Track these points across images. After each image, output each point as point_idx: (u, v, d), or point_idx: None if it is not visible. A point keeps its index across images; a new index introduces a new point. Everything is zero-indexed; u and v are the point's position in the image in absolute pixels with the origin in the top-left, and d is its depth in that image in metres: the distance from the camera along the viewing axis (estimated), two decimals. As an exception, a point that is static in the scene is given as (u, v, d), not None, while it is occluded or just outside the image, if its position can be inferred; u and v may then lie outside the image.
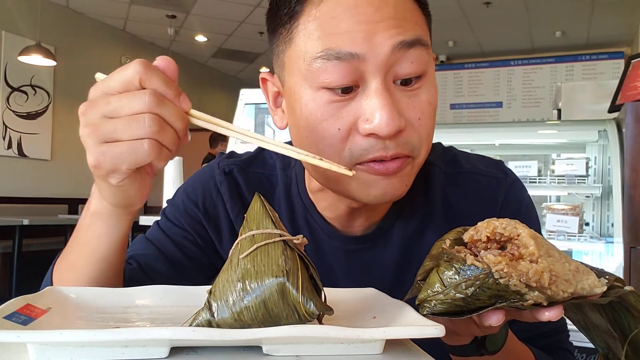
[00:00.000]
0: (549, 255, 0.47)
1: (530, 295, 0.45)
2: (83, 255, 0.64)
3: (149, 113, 0.50)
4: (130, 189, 0.56)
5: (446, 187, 0.79)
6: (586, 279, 0.47)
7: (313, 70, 0.62)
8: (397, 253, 0.77)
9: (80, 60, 6.65)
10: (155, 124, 0.50)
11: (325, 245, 0.78)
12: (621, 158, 2.19)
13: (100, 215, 0.61)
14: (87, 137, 0.52)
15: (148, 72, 0.51)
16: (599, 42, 7.13)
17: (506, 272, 0.45)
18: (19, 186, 5.93)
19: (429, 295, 0.49)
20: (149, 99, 0.50)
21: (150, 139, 0.50)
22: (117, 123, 0.50)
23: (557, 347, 0.80)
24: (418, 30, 0.63)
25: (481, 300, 0.47)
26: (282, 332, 0.43)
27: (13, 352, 0.44)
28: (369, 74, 0.61)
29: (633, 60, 2.44)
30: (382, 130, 0.60)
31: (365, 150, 0.62)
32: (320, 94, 0.62)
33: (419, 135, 0.64)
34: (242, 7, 6.34)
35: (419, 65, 0.62)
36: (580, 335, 0.67)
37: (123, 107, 0.50)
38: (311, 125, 0.63)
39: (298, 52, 0.64)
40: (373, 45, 0.60)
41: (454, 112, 7.95)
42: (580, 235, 2.31)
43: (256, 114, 3.02)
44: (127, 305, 0.57)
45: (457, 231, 0.53)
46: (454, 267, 0.48)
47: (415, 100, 0.63)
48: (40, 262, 5.81)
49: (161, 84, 0.51)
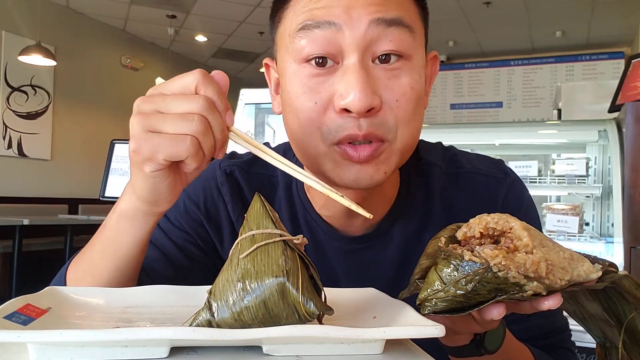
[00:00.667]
0: (543, 245, 0.48)
1: (529, 286, 0.46)
2: (105, 252, 0.64)
3: (198, 114, 0.52)
4: (161, 183, 0.57)
5: (446, 186, 0.79)
6: (581, 265, 0.48)
7: (295, 44, 0.64)
8: (397, 253, 0.77)
9: (80, 60, 6.66)
10: (202, 125, 0.52)
11: (325, 245, 0.78)
12: (621, 158, 2.19)
13: (127, 213, 0.62)
14: (135, 123, 0.54)
15: (205, 81, 0.54)
16: (599, 42, 7.13)
17: (504, 264, 0.45)
18: (19, 186, 5.93)
19: (429, 294, 0.49)
20: (202, 103, 0.53)
21: (193, 136, 0.52)
22: (167, 117, 0.53)
23: (559, 346, 0.80)
24: (400, 11, 0.64)
25: (481, 295, 0.47)
26: (282, 332, 0.43)
27: (13, 352, 0.44)
28: (347, 48, 0.62)
29: (633, 60, 2.44)
30: (355, 106, 0.60)
31: (339, 127, 0.63)
32: (302, 68, 0.64)
33: (395, 117, 0.64)
34: (242, 7, 6.34)
35: (399, 45, 0.63)
36: (580, 335, 0.67)
37: (176, 105, 0.53)
38: (292, 99, 0.65)
39: (284, 29, 0.67)
40: (351, 18, 0.61)
41: (454, 112, 7.95)
42: (580, 235, 2.31)
43: (256, 114, 3.02)
44: (127, 305, 0.57)
45: (451, 228, 0.54)
46: (452, 264, 0.48)
47: (395, 81, 0.64)
48: (40, 262, 5.82)
49: (215, 93, 0.54)
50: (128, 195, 0.61)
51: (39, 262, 5.37)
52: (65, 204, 6.30)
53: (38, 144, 6.15)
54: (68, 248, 5.04)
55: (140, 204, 0.61)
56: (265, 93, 2.96)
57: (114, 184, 3.10)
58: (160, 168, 0.55)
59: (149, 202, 0.60)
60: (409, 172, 0.78)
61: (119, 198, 0.64)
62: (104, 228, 0.65)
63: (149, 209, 0.61)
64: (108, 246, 0.64)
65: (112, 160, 3.13)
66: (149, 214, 0.62)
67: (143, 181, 0.57)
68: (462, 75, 7.98)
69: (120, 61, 7.33)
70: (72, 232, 5.07)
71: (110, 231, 0.64)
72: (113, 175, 3.11)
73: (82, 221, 5.26)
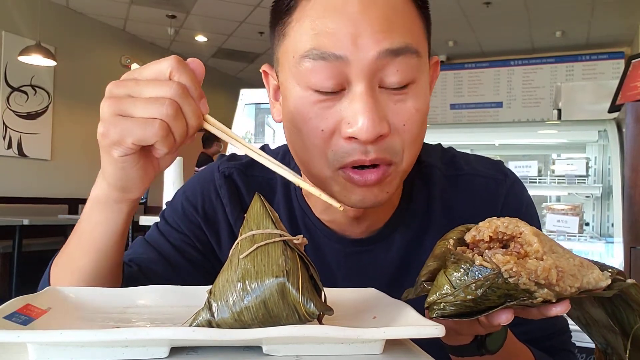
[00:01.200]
0: (553, 251, 0.48)
1: (539, 293, 0.45)
2: (80, 246, 0.64)
3: (170, 99, 0.52)
4: (131, 169, 0.57)
5: (446, 189, 0.79)
6: (591, 272, 0.48)
7: (301, 69, 0.62)
8: (397, 256, 0.77)
9: (80, 60, 6.65)
10: (172, 109, 0.52)
11: (325, 247, 0.78)
12: (621, 158, 2.19)
13: (99, 201, 0.62)
14: (105, 107, 0.54)
15: (180, 67, 0.53)
16: (599, 42, 7.13)
17: (515, 271, 0.45)
18: (19, 186, 5.93)
19: (438, 297, 0.48)
20: (175, 88, 0.52)
21: (163, 121, 0.52)
22: (137, 101, 0.53)
23: (560, 348, 0.80)
24: (408, 36, 0.62)
25: (491, 300, 0.47)
26: (282, 332, 0.43)
27: (13, 352, 0.44)
28: (354, 77, 0.61)
29: (633, 60, 2.44)
30: (362, 135, 0.60)
31: (346, 153, 0.62)
32: (308, 94, 0.63)
33: (402, 141, 0.64)
34: (242, 7, 6.34)
35: (406, 75, 0.62)
36: (580, 335, 0.67)
37: (148, 90, 0.53)
38: (298, 124, 0.64)
39: (289, 48, 0.65)
40: (357, 48, 0.59)
41: (454, 112, 7.95)
42: (580, 235, 2.31)
43: (256, 114, 3.02)
44: (127, 305, 0.57)
45: (460, 230, 0.53)
46: (462, 268, 0.47)
47: (402, 106, 0.63)
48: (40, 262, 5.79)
49: (189, 80, 0.54)
50: (100, 183, 0.61)
51: (39, 262, 5.36)
52: (65, 204, 6.30)
53: (38, 144, 6.15)
54: (68, 248, 5.04)
55: (110, 191, 0.60)
56: (265, 93, 2.96)
57: (114, 184, 3.09)
58: (130, 152, 0.55)
59: (119, 188, 0.59)
60: (412, 177, 0.78)
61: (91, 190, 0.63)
62: (79, 223, 0.65)
63: (120, 196, 0.60)
64: (85, 240, 0.64)
65: (112, 160, 3.13)
66: (121, 201, 0.61)
67: (112, 166, 0.57)
68: (462, 75, 7.97)
69: (120, 61, 7.33)
70: (71, 232, 5.07)
71: (86, 224, 0.64)
72: (113, 175, 3.10)
73: (82, 221, 5.26)
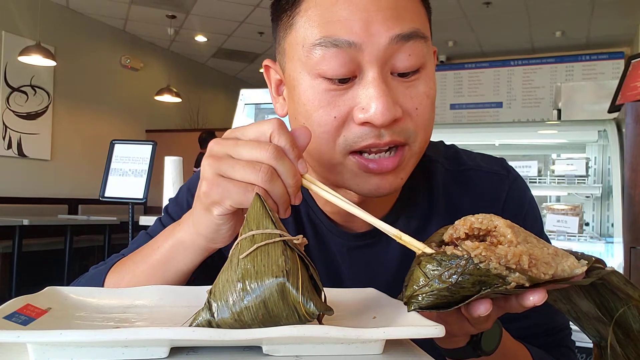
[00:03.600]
0: (527, 242, 0.48)
1: (511, 277, 0.46)
2: (152, 274, 0.66)
3: (265, 164, 0.53)
4: (224, 226, 0.59)
5: (448, 184, 0.79)
6: (565, 260, 0.48)
7: (311, 58, 0.63)
8: (400, 250, 0.77)
9: (80, 60, 6.66)
10: (267, 175, 0.53)
11: (329, 242, 0.78)
12: (621, 158, 2.19)
13: (183, 244, 0.63)
14: (207, 166, 0.56)
15: (280, 130, 0.55)
16: (599, 42, 7.13)
17: (484, 255, 0.46)
18: (19, 186, 5.93)
19: (415, 290, 0.49)
20: (271, 151, 0.54)
21: (260, 187, 0.53)
22: (236, 163, 0.54)
23: (558, 344, 0.80)
24: (416, 22, 0.64)
25: (465, 289, 0.48)
26: (282, 332, 0.43)
27: (13, 352, 0.44)
28: (366, 64, 0.62)
29: (633, 60, 2.44)
30: (377, 120, 0.61)
31: (359, 138, 0.63)
32: (318, 82, 0.64)
33: (415, 124, 0.65)
34: (242, 7, 6.34)
35: (417, 59, 0.63)
36: (580, 335, 0.67)
37: (247, 151, 0.55)
38: (308, 112, 0.65)
39: (297, 39, 0.65)
40: (370, 35, 0.61)
41: (454, 112, 7.95)
42: (580, 235, 2.31)
43: (256, 114, 3.02)
44: (127, 305, 0.57)
45: (441, 233, 0.54)
46: (436, 259, 0.49)
47: (413, 90, 0.64)
48: (40, 262, 5.81)
49: (287, 143, 0.55)
50: (188, 228, 0.62)
51: (39, 262, 5.37)
52: (65, 204, 6.30)
53: (38, 144, 6.15)
54: (68, 248, 5.05)
55: (198, 239, 0.62)
56: (265, 93, 2.96)
57: (113, 184, 3.10)
58: (227, 212, 0.57)
59: (209, 239, 0.61)
60: (413, 169, 0.78)
61: (176, 224, 0.65)
62: (154, 249, 0.66)
63: (206, 245, 0.62)
64: (157, 268, 0.66)
65: (112, 161, 3.13)
66: (206, 248, 0.63)
67: (207, 221, 0.59)
68: (462, 75, 7.97)
69: (120, 61, 7.33)
70: (72, 232, 5.08)
71: (162, 255, 0.65)
72: (113, 176, 3.11)
73: (81, 221, 5.26)
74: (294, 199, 0.57)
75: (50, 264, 5.40)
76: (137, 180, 3.08)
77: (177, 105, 7.77)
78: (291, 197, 0.56)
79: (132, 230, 3.17)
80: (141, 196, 3.04)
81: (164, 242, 0.66)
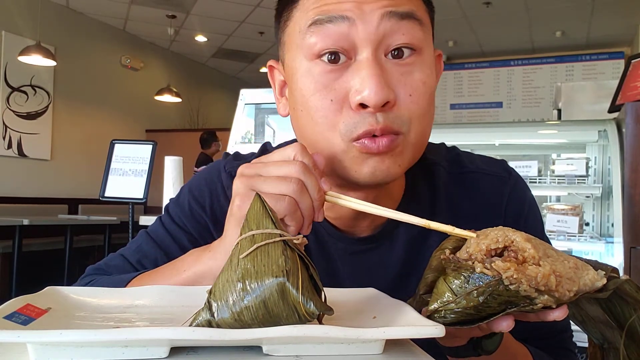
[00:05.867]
0: (547, 255, 0.48)
1: (540, 299, 0.46)
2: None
3: (295, 177, 0.57)
4: None
5: (450, 186, 0.79)
6: (586, 274, 0.48)
7: (306, 40, 0.64)
8: (402, 253, 0.77)
9: (80, 60, 6.66)
10: (298, 186, 0.57)
11: (330, 246, 0.78)
12: (621, 158, 2.19)
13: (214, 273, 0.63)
14: (240, 183, 0.59)
15: (303, 151, 0.59)
16: (599, 42, 7.13)
17: (516, 277, 0.45)
18: (19, 186, 5.93)
19: (440, 305, 0.49)
20: (299, 167, 0.58)
21: (291, 197, 0.56)
22: (267, 179, 0.58)
23: (560, 347, 0.80)
24: (412, 5, 0.65)
25: (492, 307, 0.47)
26: (282, 332, 0.43)
27: (13, 352, 0.44)
28: (360, 43, 0.63)
29: (633, 60, 2.44)
30: (371, 100, 0.61)
31: (357, 123, 0.63)
32: (314, 65, 0.65)
33: (409, 112, 0.65)
34: (242, 7, 6.34)
35: (411, 38, 0.64)
36: (581, 336, 0.67)
37: (275, 169, 0.58)
38: (305, 98, 0.66)
39: (294, 28, 0.67)
40: (363, 12, 0.62)
41: (454, 112, 7.95)
42: (580, 235, 2.31)
43: (256, 114, 3.02)
44: (127, 305, 0.57)
45: (455, 239, 0.53)
46: (463, 275, 0.47)
47: (408, 77, 0.64)
48: (40, 262, 5.79)
49: (310, 162, 0.59)
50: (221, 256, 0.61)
51: (39, 262, 5.37)
52: (65, 204, 6.30)
53: (38, 144, 6.15)
54: (68, 248, 5.05)
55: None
56: (265, 93, 2.96)
57: (113, 184, 3.10)
58: None
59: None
60: (415, 173, 0.78)
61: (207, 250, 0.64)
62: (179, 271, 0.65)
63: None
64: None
65: (112, 160, 3.13)
66: None
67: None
68: (462, 75, 7.97)
69: (120, 61, 7.33)
70: (72, 232, 5.08)
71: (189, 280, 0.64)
72: (113, 175, 3.11)
73: (82, 221, 5.26)
74: (318, 215, 0.59)
75: (50, 264, 5.40)
76: (137, 180, 3.08)
77: (177, 105, 7.77)
78: (315, 211, 0.59)
79: (132, 230, 3.17)
80: (141, 196, 3.04)
81: (190, 266, 0.65)
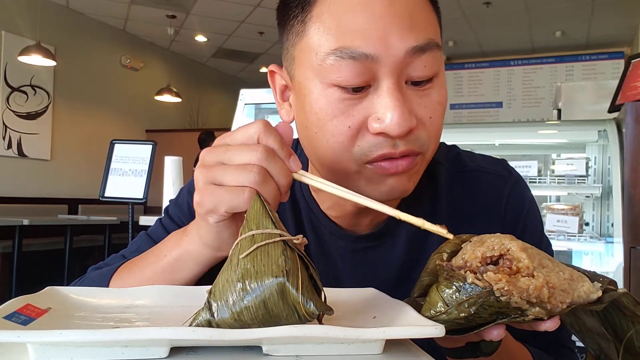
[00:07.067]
0: (543, 265, 0.47)
1: (531, 311, 0.45)
2: (156, 281, 0.66)
3: (257, 165, 0.54)
4: (224, 232, 0.60)
5: (451, 185, 0.79)
6: (581, 286, 0.47)
7: (325, 67, 0.62)
8: (404, 251, 0.77)
9: (80, 60, 6.66)
10: (259, 176, 0.54)
11: (331, 245, 0.78)
12: (621, 158, 2.19)
13: (191, 254, 0.64)
14: (200, 175, 0.57)
15: (267, 131, 0.56)
16: (599, 42, 7.13)
17: (507, 289, 0.45)
18: (19, 186, 5.93)
19: (432, 315, 0.49)
20: (261, 153, 0.55)
21: (252, 188, 0.54)
22: (227, 169, 0.55)
23: (559, 344, 0.80)
24: (430, 32, 0.63)
25: (482, 318, 0.47)
26: (282, 332, 0.43)
27: (13, 352, 0.44)
28: (382, 74, 0.61)
29: (633, 60, 2.44)
30: (394, 130, 0.60)
31: (374, 147, 0.62)
32: (332, 91, 0.62)
33: (428, 133, 0.65)
34: (242, 7, 6.34)
35: (432, 69, 0.63)
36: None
37: (237, 156, 0.55)
38: (321, 122, 0.64)
39: (310, 46, 0.63)
40: (387, 46, 0.60)
41: (454, 112, 7.95)
42: (580, 235, 2.31)
43: (256, 114, 3.02)
44: (127, 305, 0.57)
45: (454, 243, 0.53)
46: (455, 285, 0.48)
47: (427, 99, 0.64)
48: (40, 262, 5.80)
49: (276, 142, 0.56)
50: (194, 239, 0.63)
51: (39, 262, 5.37)
52: (65, 204, 6.30)
53: (38, 144, 6.15)
54: (68, 248, 5.05)
55: (204, 249, 0.63)
56: (265, 93, 2.96)
57: (113, 184, 3.10)
58: (223, 219, 0.57)
59: (214, 247, 0.62)
60: None
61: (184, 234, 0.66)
62: (160, 257, 0.67)
63: (212, 254, 0.63)
64: (163, 277, 0.66)
65: (112, 160, 3.13)
66: (212, 258, 0.64)
67: (207, 229, 0.60)
68: (462, 75, 7.97)
69: (120, 61, 7.33)
70: (72, 232, 5.07)
71: (169, 264, 0.66)
72: (113, 175, 3.11)
73: (81, 221, 5.26)
74: (284, 197, 0.58)
75: (50, 264, 5.40)
76: (137, 180, 3.08)
77: (177, 105, 7.77)
78: (282, 196, 0.57)
79: (132, 230, 3.17)
80: (141, 196, 3.04)
81: (170, 250, 0.66)
